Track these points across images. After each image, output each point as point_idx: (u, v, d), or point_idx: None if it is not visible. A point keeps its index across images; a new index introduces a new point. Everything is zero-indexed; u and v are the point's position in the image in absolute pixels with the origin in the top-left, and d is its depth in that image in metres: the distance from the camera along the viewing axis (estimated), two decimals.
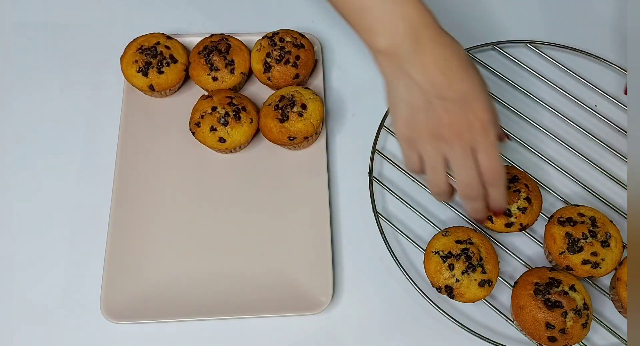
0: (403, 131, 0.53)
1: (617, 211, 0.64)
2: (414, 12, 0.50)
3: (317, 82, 0.71)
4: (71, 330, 0.60)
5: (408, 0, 0.50)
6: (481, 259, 0.57)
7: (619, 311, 0.60)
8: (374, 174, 0.66)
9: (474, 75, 0.51)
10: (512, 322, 0.59)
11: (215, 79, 0.67)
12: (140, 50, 0.67)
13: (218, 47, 0.67)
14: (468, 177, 0.52)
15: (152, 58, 0.67)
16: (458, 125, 0.50)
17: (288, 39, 0.67)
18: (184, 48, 0.70)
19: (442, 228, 0.62)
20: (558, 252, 0.59)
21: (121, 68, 0.68)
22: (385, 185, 0.66)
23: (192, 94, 0.70)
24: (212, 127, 0.64)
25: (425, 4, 0.51)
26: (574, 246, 0.58)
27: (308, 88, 0.66)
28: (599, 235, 0.58)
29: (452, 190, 0.55)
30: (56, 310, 0.61)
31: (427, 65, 0.49)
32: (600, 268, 0.58)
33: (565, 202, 0.65)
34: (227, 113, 0.64)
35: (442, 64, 0.49)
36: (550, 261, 0.62)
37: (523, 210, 0.60)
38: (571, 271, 0.58)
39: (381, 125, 0.68)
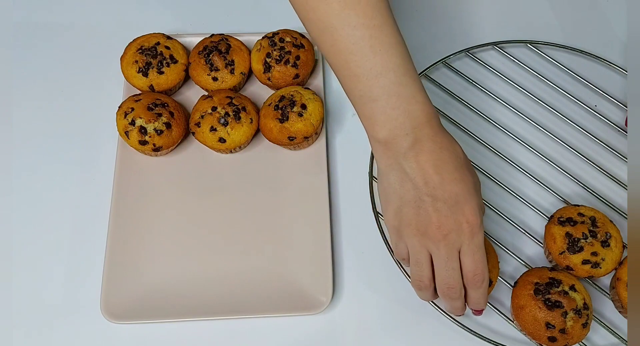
0: (392, 221, 0.53)
1: (617, 211, 0.64)
2: (419, 111, 0.50)
3: (317, 82, 0.71)
4: (71, 330, 0.60)
5: (414, 99, 0.50)
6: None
7: (619, 311, 0.60)
8: (374, 174, 0.66)
9: (468, 177, 0.51)
10: (512, 322, 0.59)
11: (215, 79, 0.67)
12: (140, 51, 0.67)
13: (218, 47, 0.67)
14: (450, 278, 0.51)
15: (152, 58, 0.67)
16: (446, 227, 0.49)
17: (288, 39, 0.67)
18: (184, 48, 0.70)
19: None
20: (558, 251, 0.59)
21: (121, 68, 0.68)
22: None
23: (192, 94, 0.70)
24: (212, 127, 0.64)
25: (430, 103, 0.51)
26: (574, 246, 0.58)
27: (308, 89, 0.66)
28: (599, 235, 0.58)
29: (433, 288, 0.54)
30: (56, 310, 0.61)
31: (422, 163, 0.50)
32: (600, 268, 0.58)
33: (565, 202, 0.65)
34: (227, 114, 0.64)
35: (437, 163, 0.50)
36: (550, 261, 0.62)
37: (159, 132, 0.61)
38: (571, 272, 0.58)
39: None
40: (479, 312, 0.56)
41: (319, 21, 0.50)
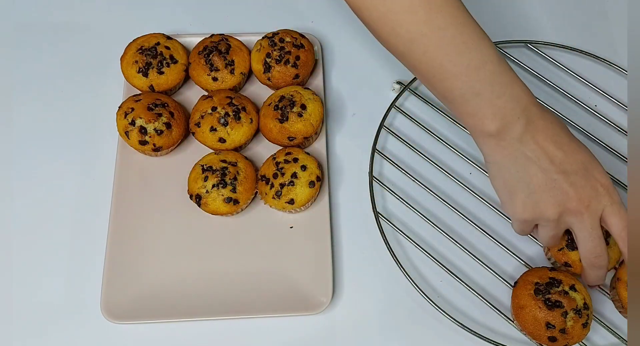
0: (523, 214, 0.53)
1: None
2: (522, 93, 0.51)
3: (317, 82, 0.71)
4: (71, 330, 0.60)
5: (514, 82, 0.51)
6: (235, 180, 0.61)
7: (619, 311, 0.60)
8: (374, 174, 0.66)
9: (581, 143, 0.53)
10: (512, 322, 0.59)
11: (215, 79, 0.67)
12: (140, 51, 0.67)
13: (218, 47, 0.67)
14: (597, 247, 0.53)
15: (152, 58, 0.67)
16: (586, 197, 0.51)
17: (288, 39, 0.67)
18: (184, 48, 0.70)
19: (441, 228, 0.62)
20: (557, 248, 0.59)
21: (121, 68, 0.68)
22: (385, 185, 0.66)
23: (192, 94, 0.70)
24: (212, 127, 0.64)
25: (524, 83, 0.52)
26: (573, 242, 0.58)
27: (308, 89, 0.66)
28: None
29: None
30: (57, 310, 0.61)
31: (541, 143, 0.51)
32: None
33: None
34: (227, 114, 0.64)
35: (554, 139, 0.51)
36: (549, 259, 0.62)
37: (159, 132, 0.63)
38: (570, 268, 0.58)
39: (381, 125, 0.68)
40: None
41: (407, 33, 0.50)
